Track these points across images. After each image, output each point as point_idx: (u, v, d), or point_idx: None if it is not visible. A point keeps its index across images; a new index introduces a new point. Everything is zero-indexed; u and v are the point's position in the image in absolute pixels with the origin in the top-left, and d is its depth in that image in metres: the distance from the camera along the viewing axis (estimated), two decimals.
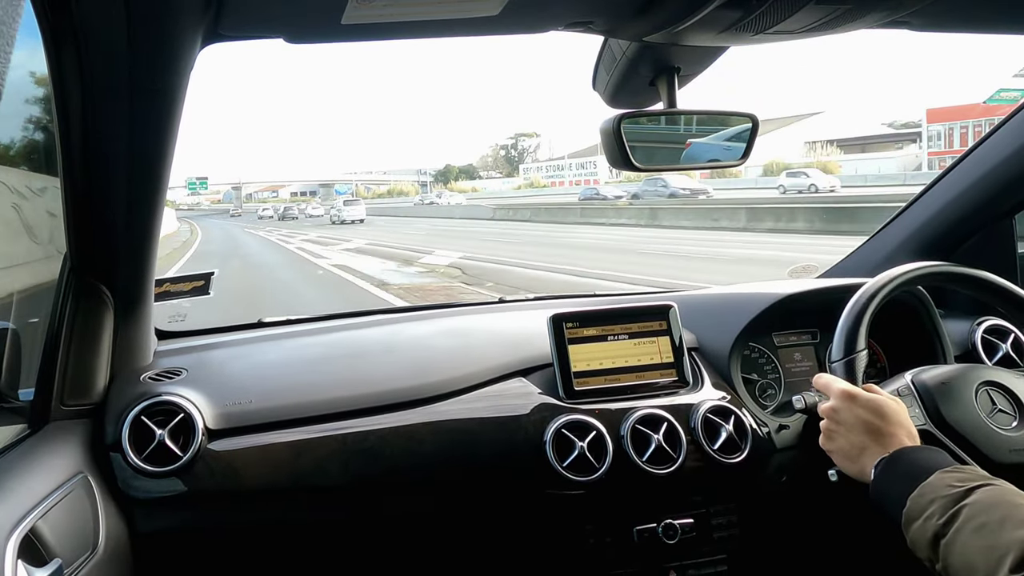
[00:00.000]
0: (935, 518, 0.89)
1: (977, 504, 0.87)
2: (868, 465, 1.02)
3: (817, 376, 1.15)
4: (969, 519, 0.86)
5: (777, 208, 19.65)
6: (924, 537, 0.90)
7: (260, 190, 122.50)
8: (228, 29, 0.91)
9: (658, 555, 1.38)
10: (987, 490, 0.89)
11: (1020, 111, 1.51)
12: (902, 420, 1.05)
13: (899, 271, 1.23)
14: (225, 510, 1.27)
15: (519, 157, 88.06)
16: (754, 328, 1.56)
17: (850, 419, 1.06)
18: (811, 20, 0.98)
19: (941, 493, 0.91)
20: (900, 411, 1.06)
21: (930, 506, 0.91)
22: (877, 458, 1.01)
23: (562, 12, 0.98)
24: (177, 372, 1.38)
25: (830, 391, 1.11)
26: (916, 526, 0.91)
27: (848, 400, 1.08)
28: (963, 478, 0.92)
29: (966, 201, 1.63)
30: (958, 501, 0.88)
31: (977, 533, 0.85)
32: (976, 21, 1.19)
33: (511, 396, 1.42)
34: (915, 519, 0.92)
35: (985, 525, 0.84)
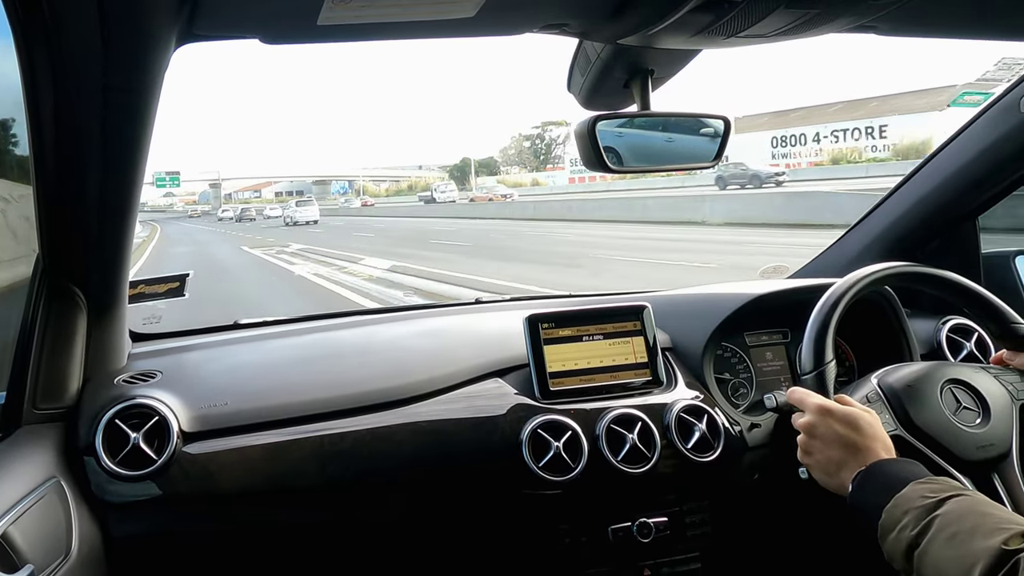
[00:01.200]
0: (909, 529, 0.91)
1: (948, 515, 0.89)
2: (846, 479, 1.03)
3: (791, 390, 1.16)
4: (941, 529, 0.88)
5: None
6: (899, 548, 0.92)
7: (241, 189, 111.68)
8: (203, 29, 0.90)
9: (633, 554, 1.39)
10: (958, 500, 0.91)
11: (982, 115, 1.55)
12: (877, 432, 1.06)
13: (863, 273, 1.25)
14: (201, 514, 1.25)
15: (546, 149, 75.64)
16: (726, 328, 1.58)
17: (827, 434, 1.07)
18: (781, 24, 1.00)
19: (914, 504, 0.92)
20: (874, 423, 1.08)
21: (904, 517, 0.92)
22: (855, 472, 1.03)
23: (537, 14, 0.99)
24: (152, 375, 1.37)
25: (805, 406, 1.12)
26: (891, 537, 0.93)
27: (824, 415, 1.09)
28: (935, 489, 0.94)
29: (930, 203, 1.67)
30: (930, 512, 0.90)
31: (948, 543, 0.86)
32: (940, 26, 1.22)
33: (487, 397, 1.42)
34: (890, 531, 0.93)
35: (956, 535, 0.86)
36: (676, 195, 24.86)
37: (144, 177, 1.11)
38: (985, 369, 1.24)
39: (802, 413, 1.12)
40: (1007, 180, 1.58)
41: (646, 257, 12.62)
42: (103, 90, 0.91)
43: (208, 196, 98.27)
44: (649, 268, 11.38)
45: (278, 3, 0.87)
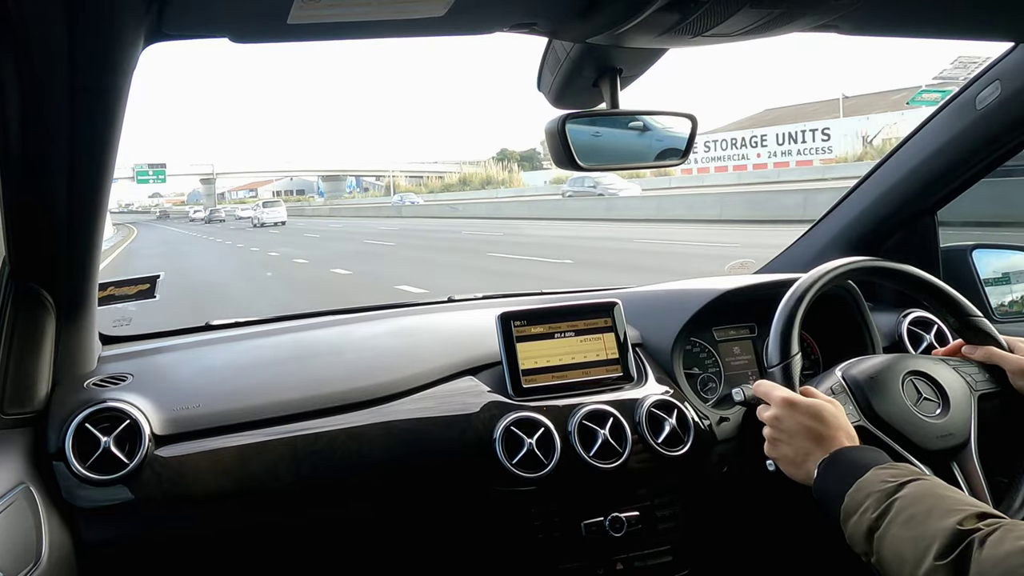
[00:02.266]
0: (869, 512, 0.93)
1: (907, 497, 0.91)
2: (812, 469, 1.05)
3: (757, 383, 1.18)
4: (899, 512, 0.90)
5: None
6: (860, 531, 0.94)
7: (236, 188, 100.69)
8: (171, 28, 0.89)
9: (605, 548, 1.40)
10: (917, 484, 0.93)
11: (940, 112, 1.59)
12: (841, 423, 1.09)
13: (828, 268, 1.28)
14: (173, 517, 1.24)
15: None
16: (695, 324, 1.60)
17: (792, 426, 1.09)
18: (746, 23, 1.02)
19: (875, 488, 0.95)
20: (838, 413, 1.10)
21: (865, 501, 0.94)
22: (819, 462, 1.05)
23: (506, 13, 1.00)
24: (122, 377, 1.35)
25: (771, 399, 1.14)
26: (852, 521, 0.95)
27: (789, 407, 1.10)
28: (896, 474, 0.96)
29: (891, 199, 1.71)
30: (891, 495, 0.92)
31: (906, 525, 0.89)
32: (900, 26, 1.25)
33: (461, 395, 1.42)
34: (852, 514, 0.96)
35: (913, 517, 0.89)
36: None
37: (112, 178, 1.09)
38: (944, 361, 1.27)
39: (768, 406, 1.14)
40: (965, 175, 1.62)
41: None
42: (70, 90, 0.90)
43: (199, 195, 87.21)
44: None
45: (248, 2, 0.86)
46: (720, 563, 1.53)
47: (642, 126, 1.30)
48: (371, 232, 26.27)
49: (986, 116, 1.48)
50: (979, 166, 1.60)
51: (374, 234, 24.94)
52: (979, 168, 1.60)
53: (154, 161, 63.48)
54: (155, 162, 61.59)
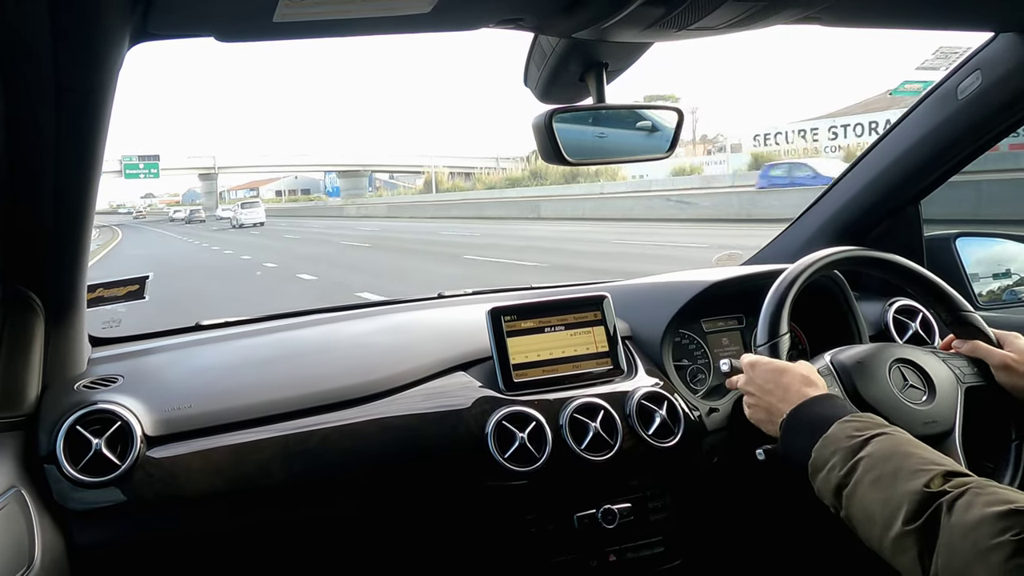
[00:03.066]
0: (837, 469, 0.95)
1: (873, 456, 0.93)
2: (779, 423, 1.08)
3: (743, 357, 1.21)
4: (866, 471, 0.92)
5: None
6: (828, 488, 0.96)
7: (235, 187, 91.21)
8: (157, 28, 0.89)
9: (598, 540, 1.41)
10: (882, 440, 0.95)
11: (922, 103, 1.60)
12: (801, 371, 1.12)
13: (816, 257, 1.29)
14: (166, 518, 1.24)
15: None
16: (684, 315, 1.61)
17: (758, 385, 1.14)
18: (729, 17, 1.02)
19: (841, 445, 0.97)
20: (806, 369, 1.13)
21: (832, 457, 0.96)
22: (784, 415, 1.07)
23: (493, 9, 1.00)
24: (113, 379, 1.35)
25: (741, 366, 1.19)
26: (821, 477, 0.97)
27: (751, 368, 1.16)
28: (860, 427, 0.98)
29: (876, 189, 1.73)
30: (856, 452, 0.94)
31: (874, 486, 0.90)
32: (881, 17, 1.27)
33: (452, 391, 1.43)
34: (819, 470, 0.98)
35: (880, 478, 0.90)
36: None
37: (100, 179, 1.09)
38: (933, 351, 1.29)
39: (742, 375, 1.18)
40: (947, 164, 1.64)
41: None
42: (55, 91, 0.89)
43: (196, 195, 79.35)
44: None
45: (234, 1, 0.86)
46: (712, 553, 1.54)
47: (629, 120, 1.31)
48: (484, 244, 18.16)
49: (967, 105, 1.50)
50: (961, 155, 1.62)
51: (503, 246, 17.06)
52: (961, 157, 1.62)
53: (146, 152, 54.78)
54: (147, 154, 53.31)
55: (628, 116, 1.31)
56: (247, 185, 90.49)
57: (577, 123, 1.26)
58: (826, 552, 1.54)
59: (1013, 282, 1.86)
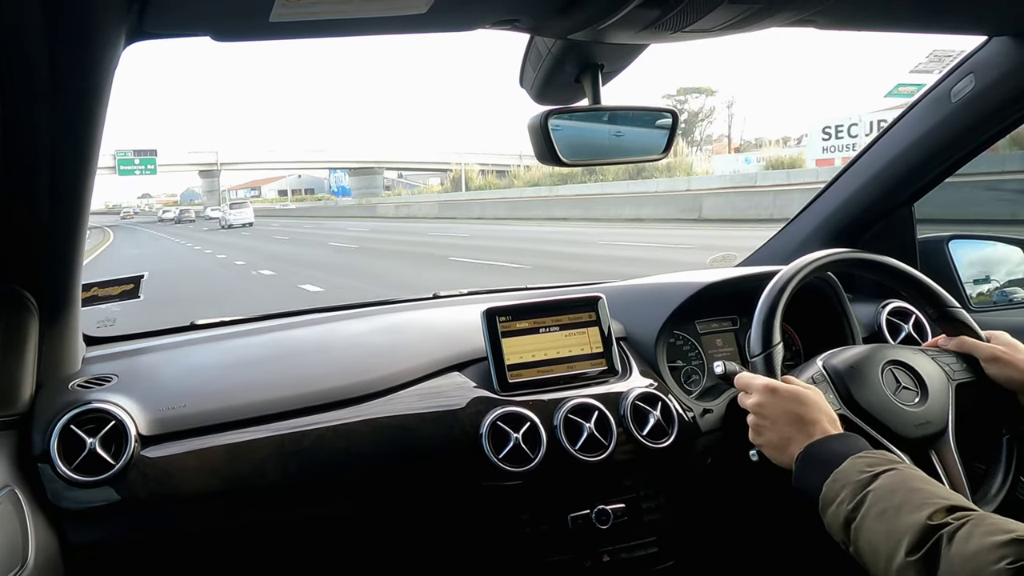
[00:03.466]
0: (845, 503, 0.95)
1: (880, 489, 0.93)
2: (796, 453, 1.07)
3: (739, 375, 1.20)
4: (873, 504, 0.92)
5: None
6: (837, 522, 0.96)
7: (236, 187, 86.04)
8: (152, 27, 0.89)
9: (592, 540, 1.41)
10: (890, 475, 0.95)
11: (916, 105, 1.61)
12: (822, 407, 1.10)
13: (808, 259, 1.30)
14: (160, 518, 1.24)
15: (687, 126, 51.84)
16: (678, 316, 1.62)
17: (775, 412, 1.11)
18: (725, 19, 1.03)
19: (852, 479, 0.96)
20: (818, 398, 1.12)
21: (842, 491, 0.96)
22: (801, 447, 1.06)
23: (488, 10, 1.00)
24: (107, 378, 1.34)
25: (752, 387, 1.15)
26: (831, 511, 0.97)
27: (771, 394, 1.12)
28: (871, 463, 0.98)
29: (869, 191, 1.74)
30: (865, 487, 0.94)
31: (879, 518, 0.90)
32: (875, 20, 1.27)
33: (447, 391, 1.43)
34: (829, 504, 0.97)
35: (886, 511, 0.90)
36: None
37: (95, 178, 1.08)
38: (923, 351, 1.30)
39: (749, 395, 1.16)
40: (940, 167, 1.65)
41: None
42: (50, 91, 0.89)
43: (194, 195, 76.23)
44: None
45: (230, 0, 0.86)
46: (705, 553, 1.54)
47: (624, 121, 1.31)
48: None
49: (961, 108, 1.50)
50: (954, 158, 1.62)
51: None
52: (955, 160, 1.63)
53: (142, 147, 52.47)
54: (143, 148, 51.97)
55: (623, 117, 1.31)
56: (248, 184, 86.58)
57: (572, 124, 1.26)
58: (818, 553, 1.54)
59: (1005, 284, 1.87)
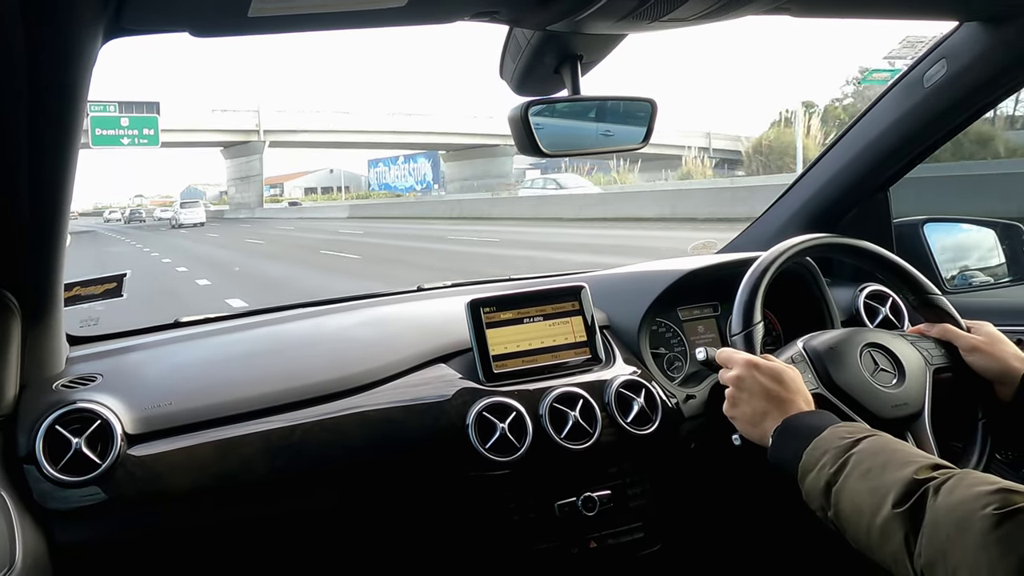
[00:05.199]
0: (827, 468, 0.96)
1: (863, 452, 0.95)
2: (769, 429, 1.09)
3: (720, 350, 1.21)
4: (856, 466, 0.94)
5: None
6: (817, 487, 0.97)
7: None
8: (130, 23, 0.88)
9: (578, 527, 1.42)
10: (872, 439, 0.97)
11: (890, 91, 1.63)
12: (799, 387, 1.13)
13: (788, 244, 1.31)
14: (148, 516, 1.23)
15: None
16: (660, 304, 1.63)
17: (753, 386, 1.13)
18: (701, 8, 1.04)
19: (832, 445, 0.98)
20: (796, 378, 1.14)
21: (823, 457, 0.98)
22: (777, 422, 1.08)
23: (467, 3, 1.01)
24: (92, 378, 1.34)
25: (733, 362, 1.17)
26: (810, 477, 0.99)
27: (751, 368, 1.14)
28: (852, 430, 1.00)
29: (846, 177, 1.76)
30: (847, 450, 0.96)
31: (864, 477, 0.92)
32: (850, 7, 1.29)
33: (433, 383, 1.43)
34: (809, 471, 0.99)
35: (871, 470, 0.92)
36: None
37: (75, 176, 1.08)
38: (902, 335, 1.32)
39: (730, 369, 1.18)
40: (915, 151, 1.67)
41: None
42: (28, 87, 0.89)
43: (196, 192, 64.65)
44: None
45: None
46: (690, 537, 1.56)
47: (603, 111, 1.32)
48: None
49: (934, 93, 1.52)
50: (928, 142, 1.65)
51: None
52: (929, 144, 1.65)
53: (132, 99, 31.88)
54: (134, 100, 31.19)
55: (603, 108, 1.32)
56: (272, 180, 67.55)
57: (553, 115, 1.27)
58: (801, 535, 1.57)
59: (978, 266, 1.90)
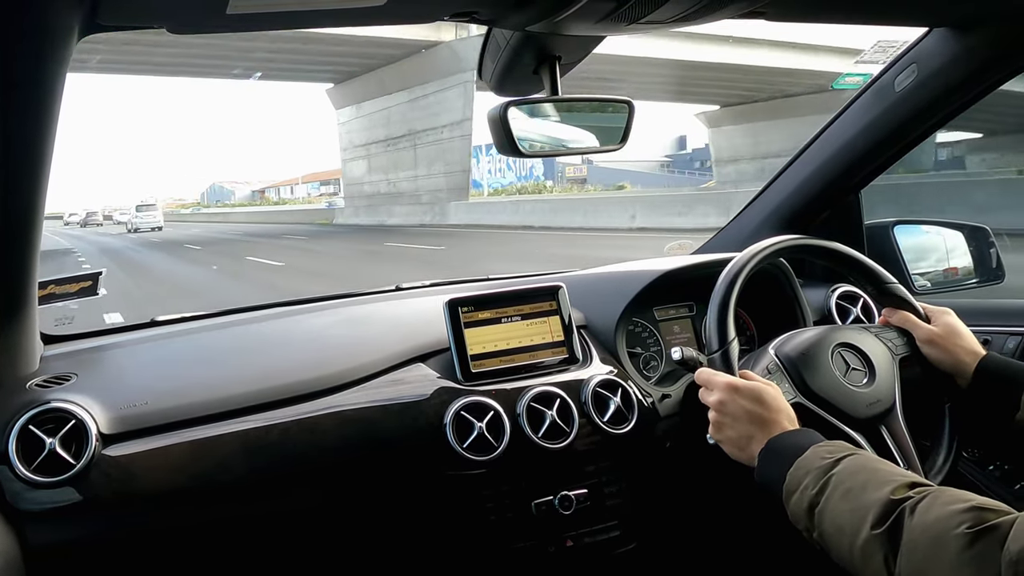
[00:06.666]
0: (809, 489, 0.98)
1: (843, 472, 0.96)
2: (755, 451, 1.10)
3: (699, 372, 1.22)
4: (837, 486, 0.95)
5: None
6: (801, 508, 0.99)
7: (284, 183, 63.24)
8: (107, 19, 0.87)
9: (556, 526, 1.43)
10: (852, 459, 0.99)
11: (862, 95, 1.66)
12: (781, 405, 1.14)
13: (760, 247, 1.33)
14: (123, 517, 1.22)
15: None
16: (637, 304, 1.64)
17: (736, 410, 1.13)
18: (678, 11, 1.05)
19: (814, 465, 1.00)
20: (777, 395, 1.15)
21: (805, 478, 0.99)
22: (762, 444, 1.09)
23: (446, 2, 1.01)
24: (67, 377, 1.32)
25: (714, 385, 1.17)
26: (794, 499, 1.00)
27: (732, 392, 1.14)
28: (832, 450, 1.01)
29: (818, 179, 1.78)
30: (828, 471, 0.97)
31: (844, 498, 0.93)
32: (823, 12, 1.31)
33: (411, 382, 1.43)
34: (793, 492, 1.00)
35: (851, 490, 0.93)
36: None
37: (49, 173, 1.06)
38: (867, 329, 1.35)
39: (711, 391, 1.18)
40: (886, 155, 1.70)
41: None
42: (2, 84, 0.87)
43: (223, 192, 61.07)
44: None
45: None
46: (666, 535, 1.58)
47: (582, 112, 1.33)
48: None
49: (904, 98, 1.55)
50: (899, 145, 1.68)
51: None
52: (899, 147, 1.68)
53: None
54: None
55: (582, 109, 1.33)
56: (314, 176, 59.79)
57: (531, 115, 1.28)
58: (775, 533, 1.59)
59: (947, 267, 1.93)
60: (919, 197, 6.41)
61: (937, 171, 8.16)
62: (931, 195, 6.98)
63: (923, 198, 6.44)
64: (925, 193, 6.64)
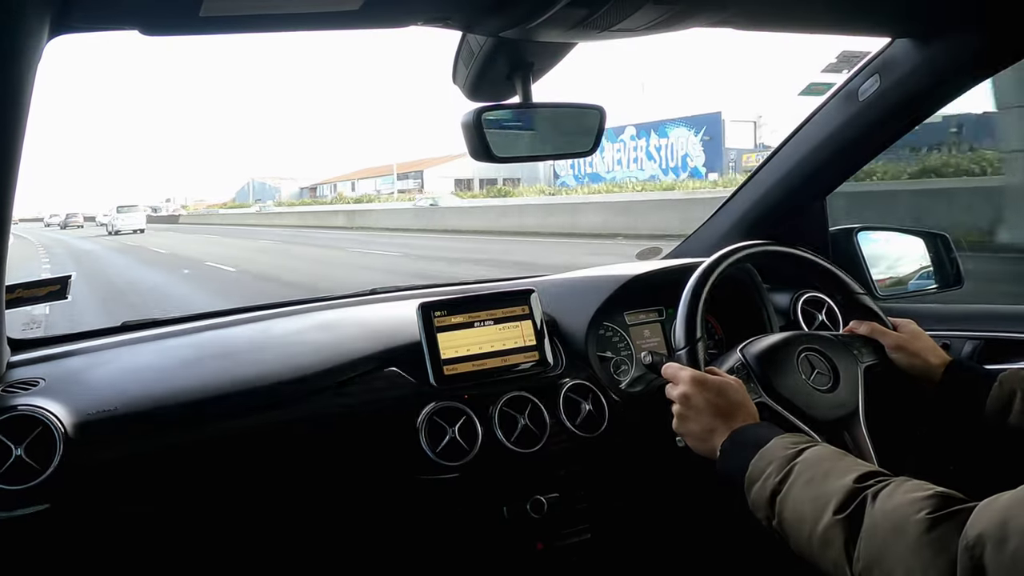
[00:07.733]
0: (772, 477, 0.99)
1: (806, 461, 0.98)
2: (717, 444, 1.12)
3: (666, 366, 1.24)
4: (800, 474, 0.97)
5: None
6: (763, 496, 1.00)
7: (335, 179, 58.30)
8: (77, 21, 0.87)
9: (527, 531, 1.44)
10: (815, 449, 1.01)
11: (826, 104, 1.69)
12: (744, 400, 1.16)
13: (727, 252, 1.35)
14: (92, 524, 1.20)
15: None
16: (607, 308, 1.66)
17: (700, 403, 1.15)
18: (649, 19, 1.07)
19: (778, 455, 1.01)
20: (741, 391, 1.17)
21: (768, 467, 1.01)
22: (724, 436, 1.11)
23: (421, 8, 1.02)
24: (34, 382, 1.29)
25: (679, 379, 1.19)
26: (756, 487, 1.01)
27: (697, 385, 1.16)
28: (796, 441, 1.04)
29: (785, 186, 1.81)
30: (791, 460, 0.99)
31: (807, 486, 0.95)
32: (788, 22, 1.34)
33: (384, 387, 1.43)
34: (755, 481, 1.02)
35: (813, 478, 0.95)
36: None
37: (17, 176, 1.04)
38: (835, 336, 1.38)
39: (676, 385, 1.20)
40: (850, 162, 1.74)
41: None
42: None
43: (263, 190, 56.11)
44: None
45: None
46: (636, 538, 1.59)
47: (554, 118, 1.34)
48: None
49: (868, 107, 1.59)
50: (863, 153, 1.72)
51: None
52: (863, 155, 1.72)
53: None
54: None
55: (553, 114, 1.34)
56: (360, 174, 55.78)
57: (504, 121, 1.28)
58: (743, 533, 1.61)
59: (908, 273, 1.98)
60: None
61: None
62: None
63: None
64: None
